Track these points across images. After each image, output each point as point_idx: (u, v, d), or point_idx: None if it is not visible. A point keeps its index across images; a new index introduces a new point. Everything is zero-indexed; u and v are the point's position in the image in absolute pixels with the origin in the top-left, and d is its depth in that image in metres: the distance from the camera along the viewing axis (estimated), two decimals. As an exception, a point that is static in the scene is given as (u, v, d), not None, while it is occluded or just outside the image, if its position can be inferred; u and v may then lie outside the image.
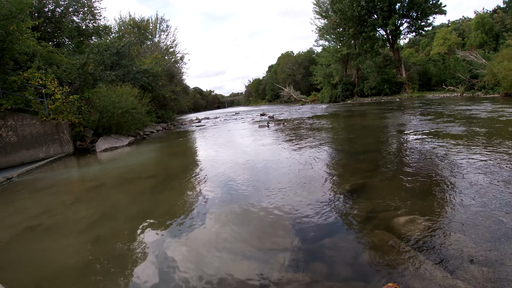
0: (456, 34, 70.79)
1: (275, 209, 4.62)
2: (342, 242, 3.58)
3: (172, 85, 35.19)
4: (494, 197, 4.34)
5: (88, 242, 4.29)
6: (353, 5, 42.13)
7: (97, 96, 15.77)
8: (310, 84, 77.44)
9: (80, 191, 7.43)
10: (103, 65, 20.69)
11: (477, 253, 3.10)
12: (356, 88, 52.77)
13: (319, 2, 58.57)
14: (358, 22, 44.46)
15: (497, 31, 57.85)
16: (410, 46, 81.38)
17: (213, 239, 3.95)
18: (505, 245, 3.19)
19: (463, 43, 64.10)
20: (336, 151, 9.14)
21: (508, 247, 3.15)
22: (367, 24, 44.59)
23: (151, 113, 22.07)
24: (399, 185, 5.32)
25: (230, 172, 7.28)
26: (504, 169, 5.49)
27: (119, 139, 15.23)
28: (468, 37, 64.00)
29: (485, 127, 10.38)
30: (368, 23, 44.52)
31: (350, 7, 42.45)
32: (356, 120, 18.45)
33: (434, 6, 42.18)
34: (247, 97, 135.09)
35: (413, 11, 42.91)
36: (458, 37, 69.01)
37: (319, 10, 59.04)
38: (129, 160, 11.25)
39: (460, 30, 73.45)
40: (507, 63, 25.19)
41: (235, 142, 13.28)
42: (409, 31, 47.10)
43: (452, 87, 39.17)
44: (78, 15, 25.39)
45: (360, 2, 42.16)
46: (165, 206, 5.47)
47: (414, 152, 7.88)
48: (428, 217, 3.91)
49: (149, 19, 45.05)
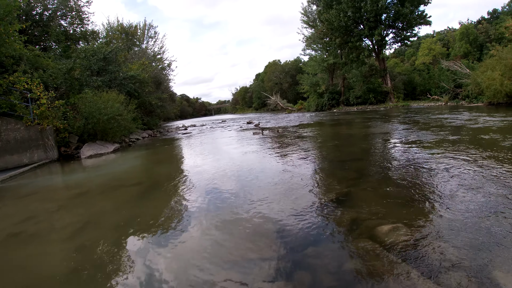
0: (441, 45, 72.14)
1: (260, 218, 4.66)
2: (326, 250, 3.62)
3: (159, 92, 35.13)
4: (475, 204, 4.47)
5: (72, 249, 4.27)
6: (340, 16, 42.67)
7: (82, 102, 15.65)
8: (297, 92, 77.95)
9: (64, 198, 7.36)
10: (89, 71, 20.55)
11: (458, 259, 3.18)
12: (342, 97, 53.40)
13: (307, 12, 59.21)
14: (345, 32, 45.05)
15: (481, 41, 59.06)
16: (395, 56, 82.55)
17: (197, 248, 3.97)
18: (486, 250, 3.28)
19: (447, 53, 65.44)
20: (321, 159, 9.21)
21: (489, 252, 3.24)
22: (354, 34, 45.24)
23: (137, 120, 21.95)
24: (383, 193, 5.41)
25: (215, 180, 7.31)
26: (486, 177, 5.64)
27: (104, 146, 15.13)
28: (452, 47, 65.33)
29: (468, 135, 10.65)
30: (355, 33, 45.17)
31: (337, 17, 42.97)
32: (341, 129, 18.62)
33: (419, 17, 43.02)
34: (234, 105, 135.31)
35: (399, 22, 43.71)
36: (443, 47, 70.36)
37: (306, 20, 59.70)
38: (114, 167, 11.20)
39: (445, 41, 74.83)
40: (491, 72, 25.74)
41: (221, 150, 13.28)
42: (395, 41, 48.07)
43: (436, 96, 39.93)
44: (66, 19, 25.26)
45: (346, 13, 42.74)
46: (149, 214, 5.46)
47: (398, 160, 8.02)
48: (411, 225, 3.99)
49: (137, 25, 45.01)
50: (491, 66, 26.89)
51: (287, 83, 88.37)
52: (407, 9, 40.95)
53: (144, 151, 15.63)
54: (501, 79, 24.28)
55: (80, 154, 13.96)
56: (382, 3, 40.87)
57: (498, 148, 8.05)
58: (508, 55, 25.02)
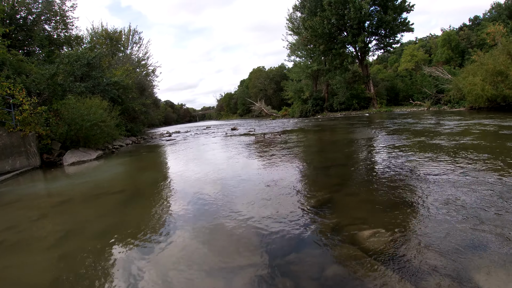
0: (423, 51, 73.40)
1: (243, 226, 4.69)
2: (308, 257, 3.65)
3: (143, 98, 34.94)
4: (458, 208, 4.55)
5: (54, 259, 4.25)
6: (324, 23, 43.20)
7: (65, 108, 15.48)
8: (281, 99, 78.53)
9: (47, 207, 7.30)
10: (73, 76, 20.39)
11: (438, 262, 3.22)
12: (326, 103, 53.93)
13: (291, 19, 59.61)
14: (329, 39, 45.64)
15: (463, 47, 60.08)
16: (378, 63, 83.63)
17: (180, 255, 3.98)
18: (467, 253, 3.35)
19: (430, 59, 66.58)
20: (304, 166, 9.28)
21: (472, 257, 3.29)
22: (337, 41, 45.86)
23: (120, 126, 21.81)
24: (365, 199, 5.50)
25: (199, 187, 7.32)
26: (467, 181, 5.77)
27: (87, 153, 15.01)
28: (435, 54, 66.44)
29: (450, 140, 10.82)
30: (338, 40, 45.79)
31: (320, 25, 43.48)
32: (325, 135, 18.78)
33: (402, 24, 43.84)
34: (219, 111, 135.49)
35: (382, 29, 44.54)
36: (425, 54, 71.63)
37: (291, 27, 60.11)
38: (97, 174, 11.12)
39: (427, 47, 76.09)
40: (472, 78, 26.34)
41: (205, 156, 13.28)
42: (378, 48, 49.06)
43: (419, 101, 40.77)
44: (50, 24, 25.18)
45: (330, 20, 43.33)
46: (132, 222, 5.45)
47: (380, 166, 8.14)
48: (392, 230, 4.05)
49: (122, 31, 44.69)
50: (472, 71, 27.51)
51: (271, 89, 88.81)
52: (390, 17, 41.64)
53: (128, 158, 15.55)
54: (482, 84, 24.79)
55: (63, 161, 13.82)
56: (365, 10, 41.46)
57: (480, 152, 8.22)
58: (489, 61, 25.49)
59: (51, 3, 24.50)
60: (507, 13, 61.22)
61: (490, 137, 10.67)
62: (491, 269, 3.05)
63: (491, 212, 4.34)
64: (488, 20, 63.07)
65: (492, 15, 66.57)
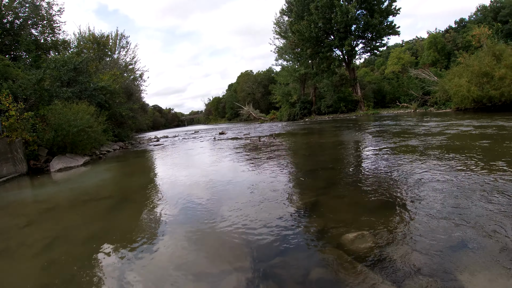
0: (410, 53, 74.16)
1: (230, 230, 4.72)
2: (293, 260, 3.68)
3: (130, 102, 34.77)
4: (441, 209, 4.62)
5: (41, 265, 4.26)
6: (311, 27, 43.39)
7: (52, 114, 15.40)
8: (269, 102, 78.53)
9: (34, 213, 7.28)
10: (59, 81, 20.25)
11: (423, 264, 3.26)
12: (314, 107, 54.16)
13: (279, 23, 59.76)
14: (316, 42, 45.87)
15: (449, 49, 60.73)
16: (365, 66, 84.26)
17: (167, 260, 4.01)
18: (451, 254, 3.40)
19: (416, 62, 67.24)
20: (291, 169, 9.36)
21: (455, 257, 3.36)
22: (324, 44, 46.08)
23: (107, 132, 21.67)
24: (350, 201, 5.58)
25: (187, 193, 7.34)
26: (452, 181, 5.87)
27: (74, 159, 14.92)
28: (421, 56, 67.16)
29: (435, 141, 11.00)
30: (325, 43, 46.01)
31: (307, 29, 43.67)
32: (313, 138, 18.88)
33: (388, 27, 44.20)
34: (207, 115, 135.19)
35: (368, 33, 44.87)
36: (412, 56, 72.36)
37: (279, 30, 60.26)
38: (84, 180, 11.08)
39: (413, 50, 76.90)
40: (458, 79, 26.59)
41: (193, 161, 13.31)
42: (364, 51, 49.54)
43: (405, 103, 41.10)
44: (37, 28, 24.99)
45: (317, 24, 43.57)
46: (120, 228, 5.48)
47: (366, 168, 8.27)
48: (376, 232, 4.10)
49: (109, 35, 44.38)
50: (458, 73, 27.80)
51: (259, 93, 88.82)
52: (376, 20, 41.95)
53: (115, 163, 15.51)
54: (468, 86, 25.08)
55: (50, 167, 13.72)
56: (352, 14, 41.73)
57: (464, 153, 8.34)
58: (475, 62, 25.78)
59: (38, 7, 24.33)
60: (492, 15, 62.12)
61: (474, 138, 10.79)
62: (475, 269, 3.11)
63: (475, 212, 4.42)
64: (474, 22, 63.87)
65: (477, 17, 67.47)
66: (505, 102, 23.74)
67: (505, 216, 4.18)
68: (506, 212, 4.29)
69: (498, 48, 25.41)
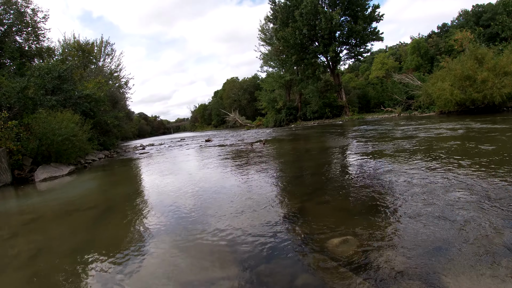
0: (394, 59, 75.31)
1: (216, 239, 4.74)
2: (279, 267, 3.71)
3: (116, 110, 34.57)
4: (425, 212, 4.68)
5: (25, 278, 4.23)
6: (296, 33, 43.78)
7: (36, 122, 15.24)
8: (255, 109, 78.80)
9: (18, 224, 7.22)
10: (44, 89, 20.03)
11: (408, 267, 3.30)
12: (299, 112, 54.52)
13: (264, 30, 60.11)
14: (300, 49, 46.32)
15: (431, 54, 61.90)
16: (350, 71, 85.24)
17: (153, 270, 4.01)
18: (436, 257, 3.44)
19: (400, 67, 68.44)
20: (277, 175, 9.40)
21: (439, 258, 3.40)
22: (309, 51, 46.55)
23: (93, 140, 21.43)
24: (335, 206, 5.63)
25: (173, 201, 7.31)
26: (435, 184, 5.97)
27: (59, 168, 14.77)
28: (404, 61, 68.40)
29: (418, 144, 11.21)
30: (310, 50, 46.48)
31: (292, 35, 44.05)
32: (298, 144, 19.06)
33: (372, 33, 44.94)
34: (193, 123, 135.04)
35: (352, 39, 45.57)
36: (396, 61, 73.53)
37: (264, 37, 60.62)
38: (69, 190, 11.00)
39: (397, 55, 78.10)
40: (441, 83, 27.09)
41: (178, 169, 13.26)
42: (349, 57, 50.31)
43: (390, 108, 41.65)
44: (21, 35, 24.69)
45: (302, 31, 43.97)
46: (106, 238, 5.46)
47: (351, 173, 8.40)
48: (361, 237, 4.15)
49: (94, 42, 44.09)
50: (441, 77, 28.31)
51: (245, 99, 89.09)
52: (360, 26, 42.56)
53: (101, 172, 15.41)
54: (451, 89, 25.54)
55: (34, 177, 13.54)
56: (336, 21, 42.17)
57: (448, 156, 8.49)
58: (457, 66, 26.31)
59: (23, 14, 24.06)
60: (474, 19, 63.38)
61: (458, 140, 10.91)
62: (458, 270, 3.16)
63: (457, 214, 4.49)
64: (456, 27, 65.09)
65: (460, 22, 68.83)
66: (487, 104, 24.29)
67: (489, 217, 4.27)
68: (489, 214, 4.38)
69: (480, 51, 25.99)
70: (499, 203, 4.74)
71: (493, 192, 5.24)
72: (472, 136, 12.13)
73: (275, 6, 49.62)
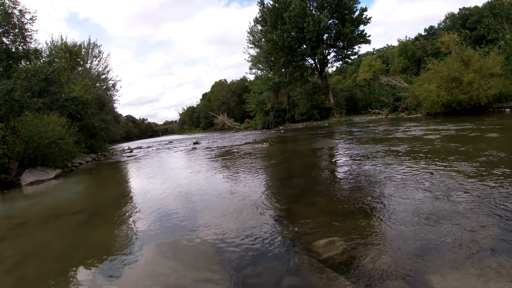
0: (381, 61, 76.00)
1: (204, 241, 4.75)
2: (265, 269, 3.73)
3: (103, 113, 34.34)
4: (412, 214, 4.72)
5: (11, 283, 4.21)
6: (284, 36, 44.00)
7: (22, 125, 15.08)
8: (244, 111, 78.88)
9: (4, 229, 7.15)
10: (30, 92, 19.88)
11: (394, 268, 3.34)
12: (288, 115, 54.84)
13: (252, 32, 60.26)
14: (289, 52, 46.59)
15: (418, 56, 62.54)
16: (338, 74, 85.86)
17: (141, 274, 4.03)
18: (422, 257, 3.48)
19: (387, 69, 69.09)
20: (265, 178, 9.45)
21: (425, 259, 3.44)
22: (297, 53, 46.87)
23: (80, 143, 21.23)
24: (321, 208, 5.67)
25: (161, 204, 7.30)
26: (423, 185, 6.05)
27: (46, 172, 14.64)
28: (392, 63, 68.99)
29: (405, 146, 11.37)
30: (298, 52, 46.80)
31: (281, 38, 44.26)
32: (287, 146, 19.17)
33: (359, 36, 45.43)
34: (181, 125, 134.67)
35: (340, 41, 46.03)
36: (383, 64, 74.19)
37: (252, 39, 60.73)
38: (56, 194, 10.93)
39: (384, 57, 78.78)
40: (428, 85, 27.50)
41: (166, 172, 13.24)
42: (336, 60, 50.86)
43: (377, 110, 41.94)
44: (8, 37, 24.40)
45: (290, 33, 44.26)
46: (93, 242, 5.45)
47: (337, 174, 8.52)
48: (347, 237, 4.18)
49: (81, 44, 43.71)
50: (427, 79, 28.75)
51: (234, 102, 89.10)
52: (347, 29, 42.97)
53: (88, 175, 15.33)
54: (438, 91, 25.91)
55: (21, 181, 13.42)
56: (324, 24, 42.46)
57: (435, 157, 8.59)
58: (444, 68, 26.68)
59: (10, 15, 23.81)
60: (461, 22, 64.12)
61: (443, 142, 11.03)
62: (445, 270, 3.19)
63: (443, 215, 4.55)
64: (443, 29, 65.69)
65: (446, 24, 69.55)
66: (474, 105, 24.67)
67: (476, 217, 4.34)
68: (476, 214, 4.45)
69: (467, 54, 26.36)
70: (487, 202, 4.82)
71: (479, 192, 5.32)
72: (457, 136, 12.27)
73: (264, 8, 49.88)
